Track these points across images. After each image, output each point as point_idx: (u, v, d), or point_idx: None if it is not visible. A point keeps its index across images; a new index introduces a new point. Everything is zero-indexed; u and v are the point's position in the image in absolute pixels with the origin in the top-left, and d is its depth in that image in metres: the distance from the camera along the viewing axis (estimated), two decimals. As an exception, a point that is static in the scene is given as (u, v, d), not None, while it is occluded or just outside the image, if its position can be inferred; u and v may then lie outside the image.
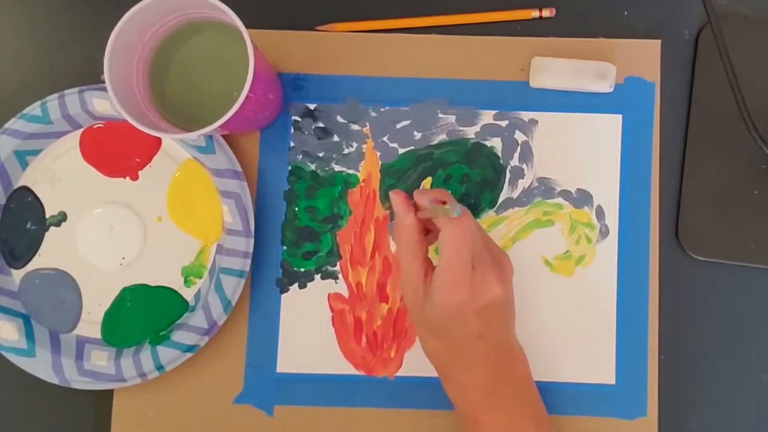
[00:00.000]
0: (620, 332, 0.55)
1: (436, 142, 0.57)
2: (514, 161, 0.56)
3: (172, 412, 0.55)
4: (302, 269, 0.56)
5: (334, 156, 0.57)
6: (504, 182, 0.56)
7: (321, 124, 0.57)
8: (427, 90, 0.57)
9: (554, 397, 0.55)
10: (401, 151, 0.57)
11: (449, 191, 0.50)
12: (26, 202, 0.56)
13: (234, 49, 0.49)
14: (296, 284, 0.56)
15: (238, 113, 0.46)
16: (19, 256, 0.56)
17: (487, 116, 0.57)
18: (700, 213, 0.56)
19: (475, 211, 0.56)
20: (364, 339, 0.56)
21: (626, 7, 0.57)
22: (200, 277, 0.55)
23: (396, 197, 0.49)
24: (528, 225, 0.56)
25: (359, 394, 0.55)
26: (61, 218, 0.56)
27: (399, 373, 0.55)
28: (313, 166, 0.57)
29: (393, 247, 0.56)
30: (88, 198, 0.56)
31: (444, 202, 0.47)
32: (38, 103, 0.55)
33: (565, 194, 0.56)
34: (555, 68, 0.55)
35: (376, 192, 0.56)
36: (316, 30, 0.57)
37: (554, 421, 0.54)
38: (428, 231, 0.51)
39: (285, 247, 0.56)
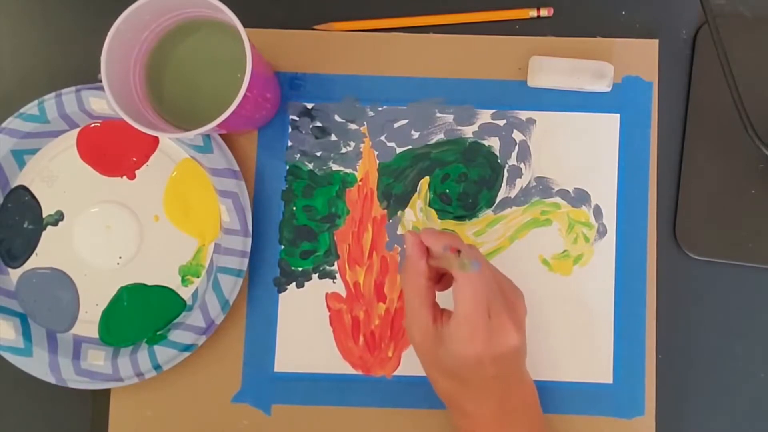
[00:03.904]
0: (618, 331, 0.55)
1: (433, 141, 0.57)
2: (512, 160, 0.56)
3: (169, 411, 0.55)
4: (300, 268, 0.56)
5: (332, 155, 0.57)
6: (502, 181, 0.56)
7: (318, 124, 0.57)
8: (425, 89, 0.57)
9: (552, 396, 0.55)
10: (399, 150, 0.57)
11: (459, 236, 0.49)
12: (23, 201, 0.56)
13: (232, 48, 0.49)
14: (294, 283, 0.56)
15: (235, 112, 0.46)
16: (16, 256, 0.56)
17: (485, 115, 0.57)
18: (698, 212, 0.56)
19: (473, 210, 0.56)
20: (361, 338, 0.56)
21: (624, 7, 0.57)
22: (198, 277, 0.55)
23: (411, 240, 0.48)
24: (526, 224, 0.56)
25: (357, 393, 0.55)
26: (58, 217, 0.56)
27: (396, 373, 0.55)
28: (310, 166, 0.57)
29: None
30: (85, 197, 0.56)
31: (458, 251, 0.46)
32: (35, 102, 0.55)
33: (563, 193, 0.56)
34: (553, 68, 0.55)
35: (374, 191, 0.56)
36: (314, 29, 0.57)
37: (552, 420, 0.54)
38: (441, 276, 0.50)
39: (282, 247, 0.56)
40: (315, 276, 0.56)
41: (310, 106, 0.57)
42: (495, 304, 0.46)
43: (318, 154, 0.57)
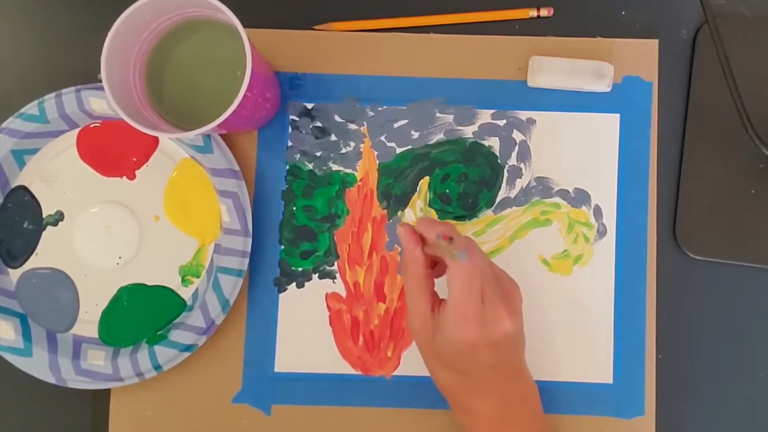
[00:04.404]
0: (618, 331, 0.55)
1: (433, 141, 0.57)
2: (512, 160, 0.56)
3: (169, 411, 0.55)
4: (300, 269, 0.56)
5: (332, 155, 0.57)
6: (502, 181, 0.56)
7: (318, 124, 0.57)
8: (425, 89, 0.57)
9: (552, 396, 0.55)
10: (399, 150, 0.57)
11: (454, 225, 0.50)
12: (23, 201, 0.56)
13: (232, 48, 0.49)
14: (294, 284, 0.56)
15: (235, 112, 0.46)
16: (16, 256, 0.56)
17: (485, 115, 0.57)
18: (698, 212, 0.56)
19: (473, 210, 0.56)
20: (361, 338, 0.56)
21: (624, 7, 0.57)
22: (198, 277, 0.55)
23: (403, 231, 0.48)
24: (526, 224, 0.56)
25: (356, 393, 0.55)
26: (58, 218, 0.56)
27: (396, 373, 0.55)
28: (310, 166, 0.57)
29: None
30: (85, 197, 0.56)
31: (450, 238, 0.46)
32: (35, 102, 0.55)
33: (563, 193, 0.56)
34: (553, 68, 0.55)
35: (374, 191, 0.56)
36: (314, 29, 0.57)
37: (552, 420, 0.54)
38: (435, 263, 0.50)
39: (283, 247, 0.56)
40: (315, 276, 0.56)
41: (310, 106, 0.57)
42: (489, 291, 0.46)
43: (318, 154, 0.57)
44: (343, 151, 0.57)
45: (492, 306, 0.46)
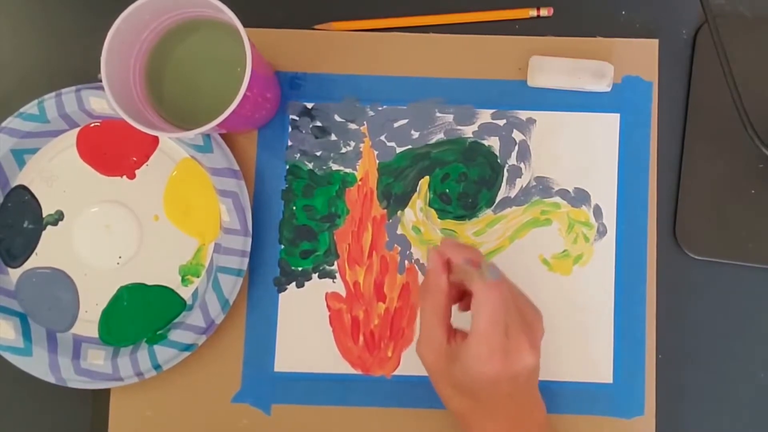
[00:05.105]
0: (618, 331, 0.55)
1: (433, 141, 0.57)
2: (512, 160, 0.56)
3: (169, 411, 0.55)
4: (300, 268, 0.56)
5: (332, 155, 0.57)
6: (502, 181, 0.56)
7: (318, 123, 0.57)
8: (425, 89, 0.57)
9: (552, 396, 0.54)
10: (399, 150, 0.57)
11: (479, 250, 0.49)
12: (23, 201, 0.56)
13: (232, 47, 0.49)
14: (294, 283, 0.56)
15: (235, 112, 0.46)
16: (16, 255, 0.56)
17: (485, 115, 0.57)
18: (698, 212, 0.56)
19: (473, 210, 0.56)
20: (361, 338, 0.56)
21: (624, 7, 0.58)
22: (198, 276, 0.55)
23: (434, 255, 0.48)
24: (526, 224, 0.56)
25: (356, 393, 0.55)
26: (58, 217, 0.56)
27: (396, 373, 0.55)
28: (310, 165, 0.57)
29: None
30: (85, 197, 0.56)
31: (479, 265, 0.46)
32: (35, 101, 0.55)
33: (563, 193, 0.56)
34: (553, 67, 0.55)
35: (374, 191, 0.56)
36: (314, 29, 0.57)
37: (552, 420, 0.54)
38: (464, 294, 0.49)
39: (282, 246, 0.56)
40: (315, 276, 0.56)
41: (310, 105, 0.57)
42: (513, 324, 0.45)
43: (318, 153, 0.57)
44: (343, 150, 0.57)
45: (515, 339, 0.45)
